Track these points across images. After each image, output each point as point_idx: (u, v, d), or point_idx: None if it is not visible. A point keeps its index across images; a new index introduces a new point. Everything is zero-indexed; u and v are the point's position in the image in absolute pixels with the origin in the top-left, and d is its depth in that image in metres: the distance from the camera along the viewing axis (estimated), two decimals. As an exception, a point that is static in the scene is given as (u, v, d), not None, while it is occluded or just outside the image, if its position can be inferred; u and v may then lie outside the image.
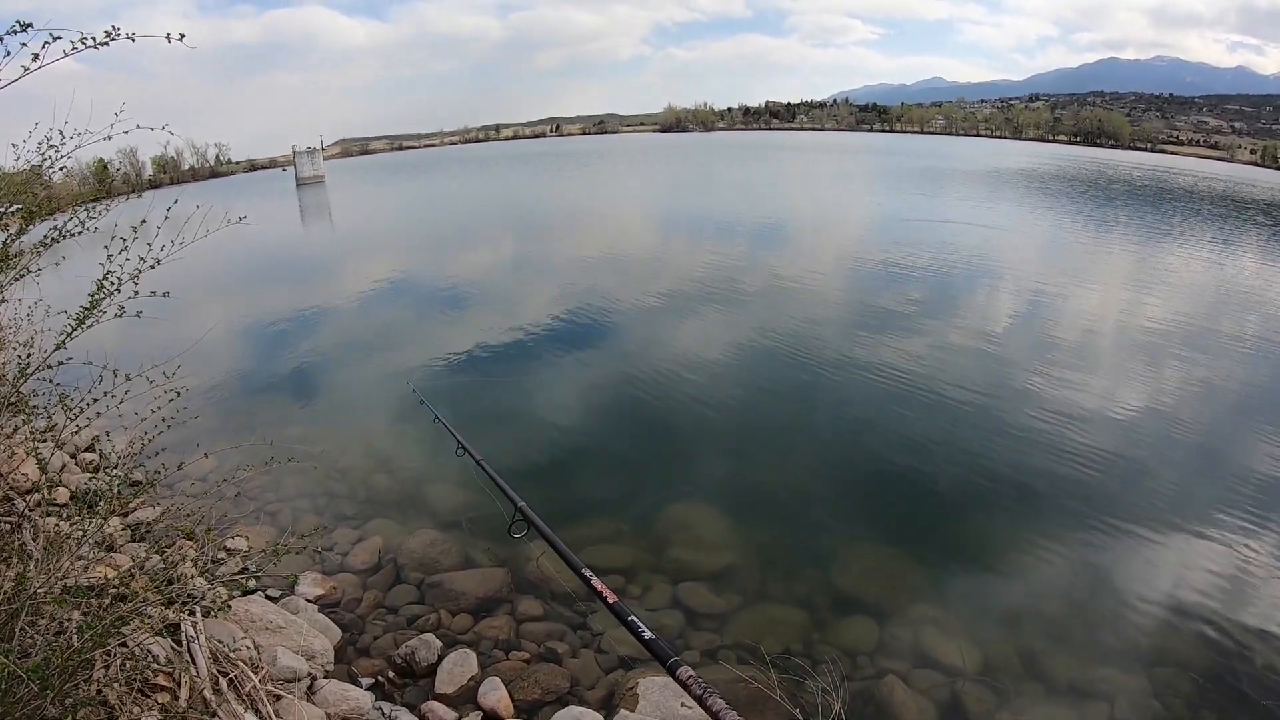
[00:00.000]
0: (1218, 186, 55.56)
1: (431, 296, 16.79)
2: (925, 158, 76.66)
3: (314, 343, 13.31)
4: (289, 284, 19.62)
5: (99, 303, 3.49)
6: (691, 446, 8.52)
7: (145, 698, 3.28)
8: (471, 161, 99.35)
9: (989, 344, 11.95)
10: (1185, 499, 7.19)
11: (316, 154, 73.48)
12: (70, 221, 4.08)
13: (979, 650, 5.18)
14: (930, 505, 7.22)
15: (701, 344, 11.94)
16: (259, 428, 8.63)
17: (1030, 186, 46.58)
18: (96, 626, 2.63)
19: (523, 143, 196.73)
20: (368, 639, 5.28)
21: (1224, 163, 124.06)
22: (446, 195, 50.80)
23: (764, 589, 5.92)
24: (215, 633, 4.10)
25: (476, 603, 5.66)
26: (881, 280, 16.71)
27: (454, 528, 6.71)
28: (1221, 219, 33.77)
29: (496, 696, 4.54)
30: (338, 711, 4.15)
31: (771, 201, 36.64)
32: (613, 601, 1.43)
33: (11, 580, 2.72)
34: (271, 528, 6.71)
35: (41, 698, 2.36)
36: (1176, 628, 5.43)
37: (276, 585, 5.63)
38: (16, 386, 3.86)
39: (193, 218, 3.92)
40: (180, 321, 11.84)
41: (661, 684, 4.54)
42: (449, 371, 11.17)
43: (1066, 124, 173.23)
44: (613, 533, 6.67)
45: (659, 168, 67.79)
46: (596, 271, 18.32)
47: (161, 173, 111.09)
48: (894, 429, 8.69)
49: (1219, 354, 11.86)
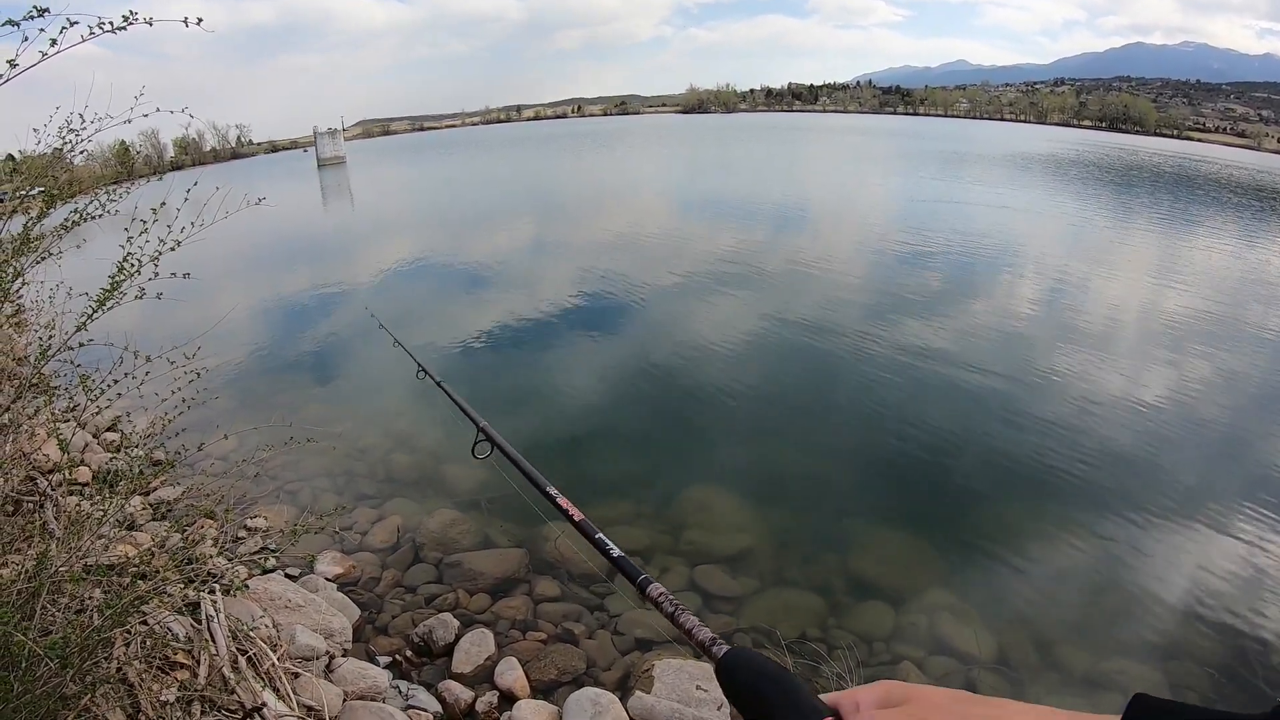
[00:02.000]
0: (1240, 175, 54.65)
1: (452, 277, 16.85)
2: (948, 141, 76.07)
3: (334, 323, 13.38)
4: (309, 265, 19.73)
5: (119, 284, 3.50)
6: (710, 429, 8.51)
7: (165, 675, 3.32)
8: (494, 142, 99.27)
9: (1010, 330, 11.84)
10: (1206, 491, 7.10)
11: (337, 135, 73.75)
12: (91, 204, 4.09)
13: (994, 638, 5.16)
14: (948, 491, 7.17)
15: (721, 326, 11.88)
16: (279, 408, 8.67)
17: (1053, 172, 46.12)
18: (117, 605, 2.66)
19: (545, 123, 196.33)
20: (386, 618, 5.31)
21: (1250, 151, 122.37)
22: (467, 176, 50.72)
23: (781, 573, 5.91)
24: (235, 611, 4.14)
25: (494, 583, 5.68)
26: (902, 264, 16.58)
27: (473, 508, 6.73)
28: (1243, 208, 33.33)
29: (513, 676, 4.57)
30: (355, 690, 4.19)
31: (792, 183, 36.42)
32: (579, 519, 1.43)
33: (33, 559, 2.75)
34: (291, 507, 6.76)
35: (61, 675, 2.39)
36: (1194, 621, 5.37)
37: (296, 564, 5.67)
38: (38, 368, 3.89)
39: (213, 199, 3.92)
40: (201, 303, 11.93)
41: (677, 666, 4.55)
42: (468, 352, 11.20)
43: (1092, 109, 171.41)
44: (631, 514, 6.68)
45: (682, 149, 67.49)
46: (616, 253, 18.26)
47: (183, 154, 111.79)
48: (913, 414, 8.63)
49: (1243, 345, 11.68)
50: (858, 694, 0.72)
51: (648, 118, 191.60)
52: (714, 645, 0.94)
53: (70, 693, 2.47)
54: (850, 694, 0.73)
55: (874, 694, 0.71)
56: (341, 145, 73.37)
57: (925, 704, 0.67)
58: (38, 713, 2.35)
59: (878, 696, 0.71)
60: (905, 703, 0.69)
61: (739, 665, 0.84)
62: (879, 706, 0.70)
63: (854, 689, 0.74)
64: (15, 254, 4.58)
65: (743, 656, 0.85)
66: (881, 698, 0.70)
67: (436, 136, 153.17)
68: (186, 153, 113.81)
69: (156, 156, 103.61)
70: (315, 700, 3.75)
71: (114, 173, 7.01)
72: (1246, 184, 46.81)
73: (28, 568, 2.71)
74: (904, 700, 0.69)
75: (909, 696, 0.69)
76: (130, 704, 2.97)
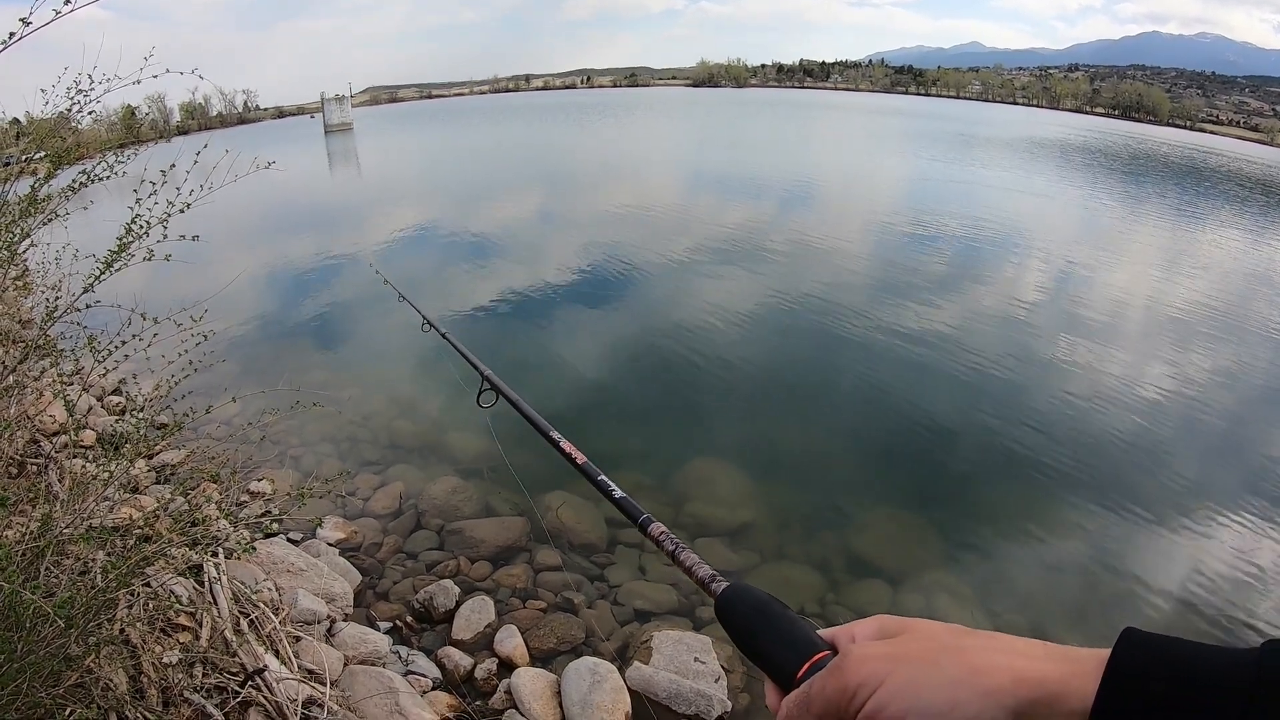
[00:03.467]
0: (1250, 169, 54.14)
1: (457, 244, 16.81)
2: (958, 122, 75.54)
3: (341, 287, 13.39)
4: (316, 230, 19.67)
5: (127, 246, 3.49)
6: (713, 403, 8.52)
7: (167, 637, 3.35)
8: (502, 111, 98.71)
9: (1014, 315, 11.80)
10: (1206, 483, 7.10)
11: (345, 101, 73.39)
12: (99, 166, 4.08)
13: (990, 619, 5.19)
14: (948, 472, 7.19)
15: (726, 300, 11.84)
16: (285, 372, 8.67)
17: (1061, 158, 45.95)
18: (121, 566, 2.67)
19: (554, 94, 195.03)
20: (387, 584, 5.35)
21: (1263, 145, 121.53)
22: (475, 145, 50.51)
23: (781, 548, 5.94)
24: (237, 574, 4.18)
25: (495, 551, 5.71)
26: (908, 245, 16.52)
27: (475, 475, 6.75)
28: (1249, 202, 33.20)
29: (512, 644, 4.61)
30: (356, 654, 4.22)
31: (801, 161, 36.27)
32: (581, 462, 1.44)
33: (38, 520, 2.76)
34: (295, 472, 6.80)
35: (65, 636, 2.41)
36: (1189, 612, 5.38)
37: (299, 529, 5.70)
38: (44, 329, 3.89)
39: (221, 163, 3.90)
40: (208, 266, 11.94)
41: (675, 638, 4.58)
42: (473, 317, 11.20)
43: (1105, 96, 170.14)
44: (632, 486, 6.62)
45: (691, 123, 67.12)
46: (622, 225, 18.21)
47: (190, 119, 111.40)
48: (916, 395, 8.63)
49: (1246, 338, 11.64)
50: (854, 627, 0.74)
51: (658, 90, 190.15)
52: (713, 581, 0.95)
53: (74, 653, 2.49)
54: (847, 628, 0.74)
55: (870, 627, 0.73)
56: (349, 112, 73.07)
57: (919, 634, 0.68)
58: (41, 673, 2.38)
59: (873, 629, 0.72)
60: (901, 634, 0.69)
61: (738, 600, 0.85)
62: (875, 639, 0.70)
63: (850, 623, 0.75)
64: (22, 215, 4.58)
65: (741, 591, 0.86)
66: (877, 630, 0.72)
67: (444, 105, 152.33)
68: (193, 117, 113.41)
69: (163, 121, 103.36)
70: (316, 664, 3.79)
71: (119, 137, 6.97)
72: (1255, 178, 46.48)
73: (32, 529, 2.72)
74: (899, 632, 0.70)
75: (904, 628, 0.70)
76: (133, 665, 3.00)
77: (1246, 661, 0.51)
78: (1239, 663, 0.52)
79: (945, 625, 0.69)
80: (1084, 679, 0.56)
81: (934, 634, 0.67)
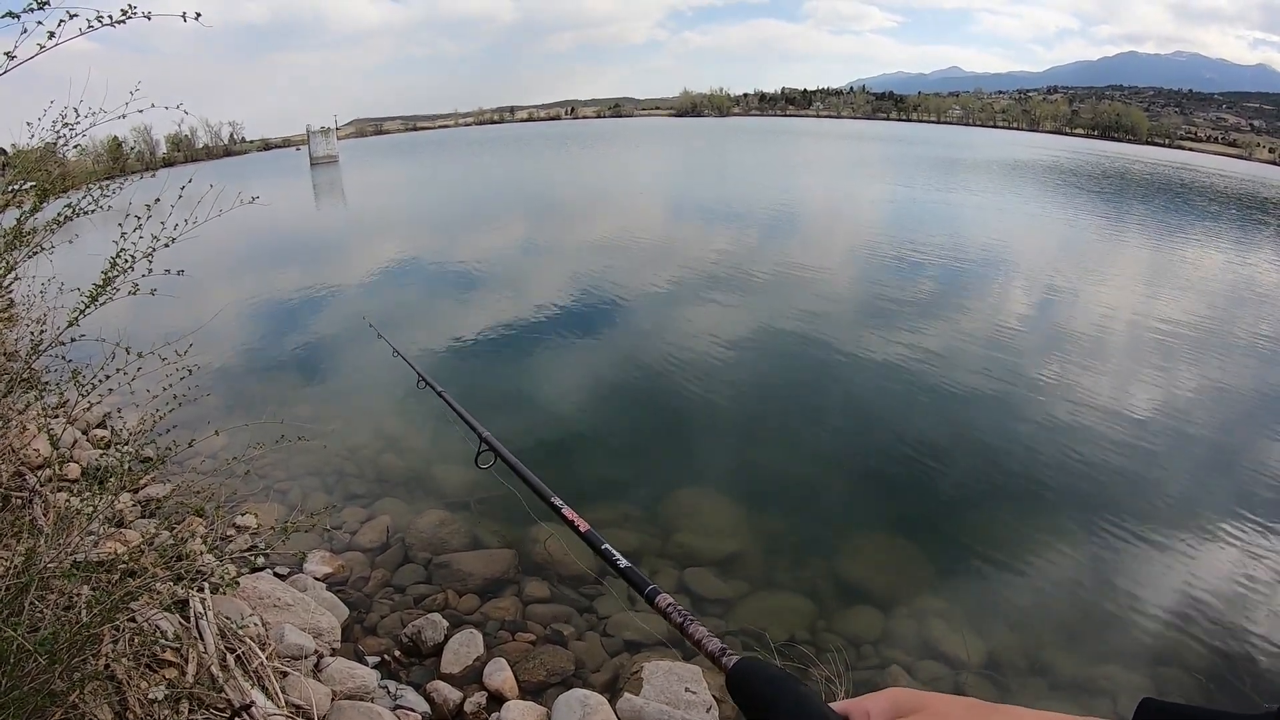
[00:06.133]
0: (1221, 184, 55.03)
1: (442, 278, 16.82)
2: (939, 147, 76.60)
3: (326, 322, 13.34)
4: (301, 263, 19.63)
5: (112, 280, 3.49)
6: (700, 432, 8.52)
7: (153, 673, 3.30)
8: (487, 143, 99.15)
9: (1002, 337, 11.90)
10: (1197, 500, 7.15)
11: (330, 133, 73.49)
12: (84, 199, 4.08)
13: (983, 643, 5.19)
14: (937, 497, 7.20)
15: (711, 330, 11.89)
16: (270, 406, 8.64)
17: (1040, 179, 46.43)
18: (105, 601, 2.65)
19: (538, 125, 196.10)
20: (375, 618, 5.30)
21: (1241, 161, 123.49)
22: (459, 177, 50.66)
23: (771, 576, 5.93)
24: (223, 609, 4.13)
25: (483, 583, 5.68)
26: (892, 270, 16.64)
27: (463, 509, 6.72)
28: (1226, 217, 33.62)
29: (502, 677, 4.57)
30: (344, 689, 4.18)
31: (784, 187, 36.53)
32: (584, 530, 1.43)
33: (22, 555, 2.74)
34: (281, 505, 6.74)
35: (50, 671, 2.38)
36: (1183, 629, 5.40)
37: (285, 563, 5.66)
38: (29, 363, 3.88)
39: (206, 197, 3.91)
40: (193, 300, 11.88)
41: (666, 668, 4.55)
42: (459, 354, 11.19)
43: (1084, 117, 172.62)
44: (620, 516, 6.68)
45: (675, 152, 67.62)
46: (606, 255, 18.28)
47: (175, 151, 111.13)
48: (904, 420, 8.67)
49: (1234, 354, 11.77)
50: (866, 702, 0.72)
51: (641, 120, 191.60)
52: (724, 656, 0.95)
53: (58, 689, 2.46)
54: (859, 702, 0.73)
55: (883, 703, 0.71)
56: (335, 144, 73.12)
57: (936, 713, 0.67)
58: (25, 709, 2.34)
59: (887, 705, 0.71)
60: (916, 712, 0.68)
61: (750, 675, 0.85)
62: (890, 716, 0.69)
63: (864, 697, 0.73)
64: (7, 248, 4.57)
65: (753, 666, 0.86)
66: (891, 706, 0.70)
67: (430, 136, 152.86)
68: (179, 149, 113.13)
69: (149, 152, 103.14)
70: (303, 699, 3.74)
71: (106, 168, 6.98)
72: (1230, 192, 47.25)
73: (16, 564, 2.69)
74: (915, 709, 0.69)
75: (920, 704, 0.69)
76: (118, 701, 2.96)
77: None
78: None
79: (962, 700, 0.68)
80: None
81: (951, 712, 0.67)
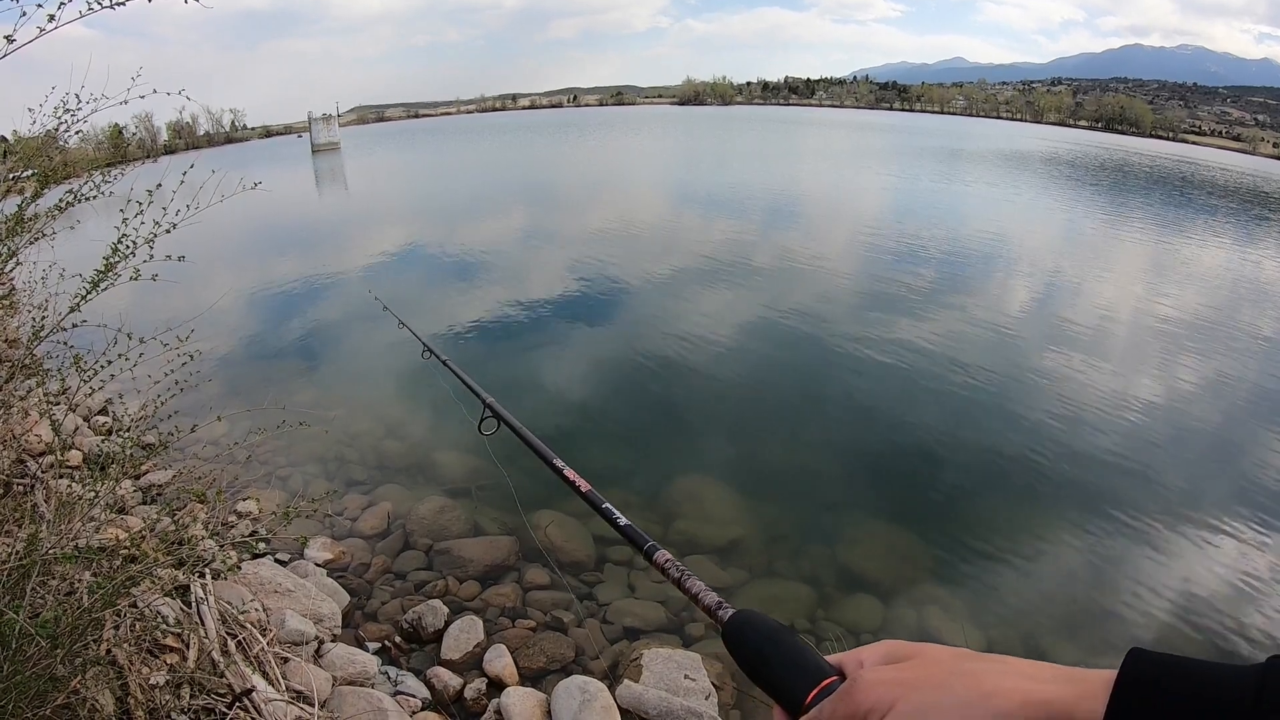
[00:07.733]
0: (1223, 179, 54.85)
1: (445, 263, 16.82)
2: (942, 137, 76.33)
3: (328, 307, 13.34)
4: (303, 249, 19.64)
5: (114, 266, 3.48)
6: (701, 419, 8.53)
7: (154, 658, 3.32)
8: (489, 130, 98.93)
9: (1003, 328, 11.86)
10: (1197, 494, 7.13)
11: (332, 121, 73.29)
12: (86, 185, 4.07)
13: (981, 633, 5.19)
14: (937, 487, 7.19)
15: (714, 317, 11.89)
16: (272, 392, 8.62)
17: (1043, 171, 46.35)
18: (107, 586, 2.66)
19: (540, 112, 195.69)
20: (375, 604, 5.32)
21: (1245, 155, 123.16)
22: (462, 163, 50.57)
23: (770, 564, 5.93)
24: (224, 595, 4.15)
25: (484, 570, 5.69)
26: (895, 260, 16.59)
27: (463, 495, 6.72)
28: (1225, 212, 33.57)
29: (502, 664, 4.58)
30: (344, 675, 4.19)
31: (787, 177, 36.45)
32: (586, 490, 1.44)
33: (24, 540, 2.75)
34: (282, 492, 6.75)
35: (51, 656, 2.39)
36: (1180, 623, 5.40)
37: (286, 549, 5.67)
38: (31, 349, 3.89)
39: (208, 183, 3.90)
40: (195, 286, 11.89)
41: (665, 655, 4.57)
42: (461, 338, 11.17)
43: (1088, 109, 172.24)
44: (621, 503, 6.57)
45: (679, 141, 67.46)
46: (609, 243, 18.25)
47: (177, 138, 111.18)
48: (903, 409, 8.66)
49: (1236, 348, 11.74)
50: (861, 653, 0.75)
51: (644, 109, 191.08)
52: (720, 608, 0.96)
53: (60, 674, 2.47)
54: (854, 653, 0.76)
55: (877, 652, 0.74)
56: (336, 131, 72.91)
57: (928, 659, 0.69)
58: (27, 693, 2.36)
59: (881, 654, 0.73)
60: (909, 659, 0.71)
61: (745, 626, 0.86)
62: (883, 664, 0.72)
63: (858, 648, 0.76)
64: (9, 234, 4.57)
65: (748, 618, 0.87)
66: (885, 655, 0.73)
67: (432, 124, 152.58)
68: (180, 136, 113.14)
69: (150, 140, 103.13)
70: (304, 685, 3.76)
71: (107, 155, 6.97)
72: (1230, 187, 47.16)
73: (18, 549, 2.71)
74: (907, 656, 0.71)
75: (912, 653, 0.71)
76: (120, 686, 2.98)
77: (1250, 677, 0.52)
78: (1243, 679, 0.53)
79: (952, 649, 0.70)
80: (1092, 700, 0.57)
81: (942, 658, 0.69)
